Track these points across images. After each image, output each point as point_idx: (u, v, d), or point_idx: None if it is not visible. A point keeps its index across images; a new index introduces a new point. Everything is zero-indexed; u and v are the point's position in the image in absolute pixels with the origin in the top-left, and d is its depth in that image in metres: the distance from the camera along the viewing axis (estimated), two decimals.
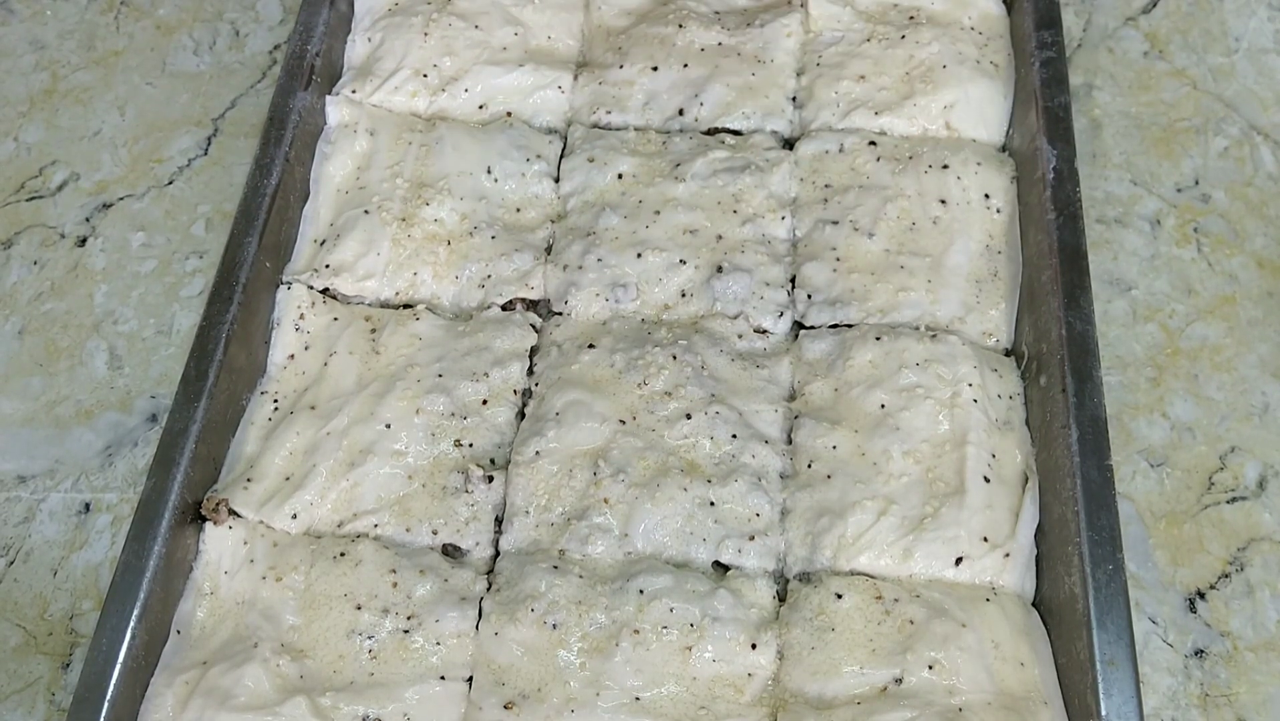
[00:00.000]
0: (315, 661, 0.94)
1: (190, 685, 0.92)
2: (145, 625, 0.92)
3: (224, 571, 0.98)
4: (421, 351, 1.08)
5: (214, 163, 1.34)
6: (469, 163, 1.17)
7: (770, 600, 0.96)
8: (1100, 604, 0.88)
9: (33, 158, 1.35)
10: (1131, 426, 1.12)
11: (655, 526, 0.98)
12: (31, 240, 1.29)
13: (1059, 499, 0.95)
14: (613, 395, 1.04)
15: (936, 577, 0.96)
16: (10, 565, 1.10)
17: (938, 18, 1.24)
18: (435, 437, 1.03)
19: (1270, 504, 1.08)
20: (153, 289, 1.25)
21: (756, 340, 1.09)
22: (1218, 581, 1.05)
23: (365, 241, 1.13)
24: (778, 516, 1.00)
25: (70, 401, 1.18)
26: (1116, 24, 1.38)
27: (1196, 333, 1.17)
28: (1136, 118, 1.31)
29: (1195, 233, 1.23)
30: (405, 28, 1.25)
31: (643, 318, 1.11)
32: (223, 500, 1.00)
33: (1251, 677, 1.01)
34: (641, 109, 1.22)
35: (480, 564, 1.00)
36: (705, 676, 0.92)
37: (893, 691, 0.89)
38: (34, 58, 1.43)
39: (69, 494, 1.14)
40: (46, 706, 1.03)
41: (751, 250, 1.12)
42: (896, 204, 1.12)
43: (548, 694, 0.91)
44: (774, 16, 1.25)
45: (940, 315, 1.08)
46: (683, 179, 1.15)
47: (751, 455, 1.01)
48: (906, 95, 1.19)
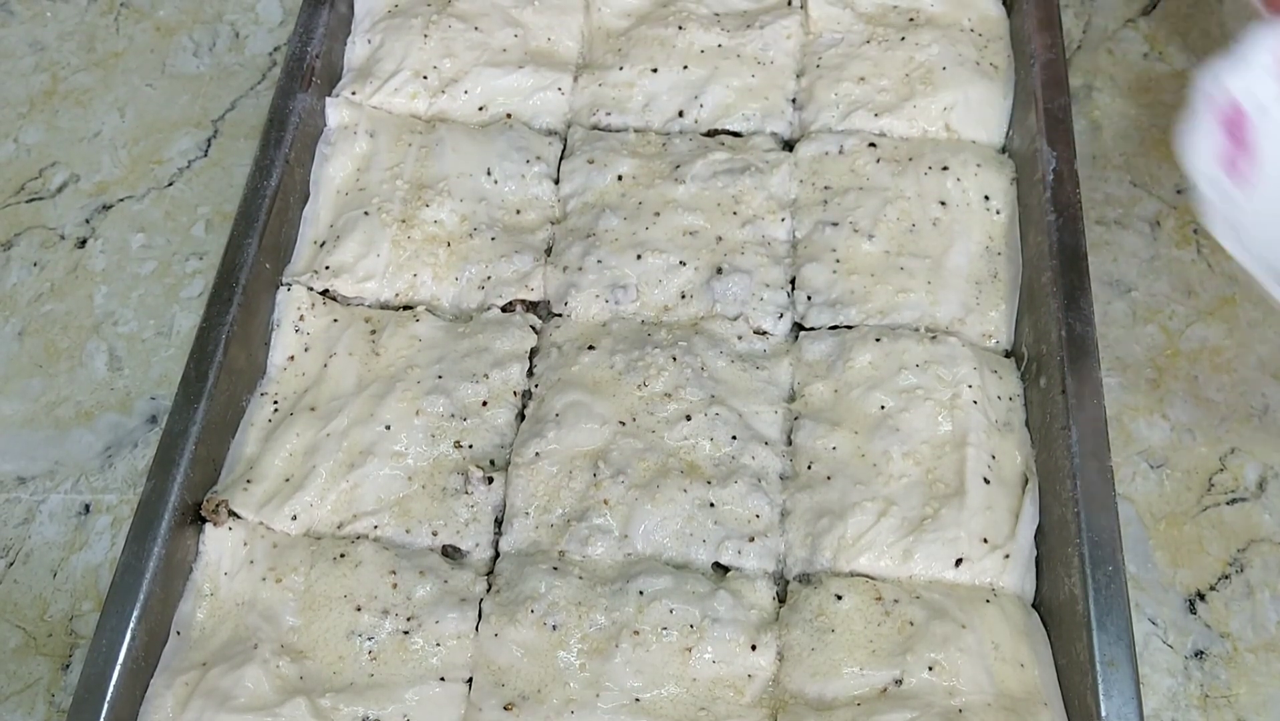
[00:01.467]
0: (315, 662, 0.94)
1: (190, 686, 0.92)
2: (145, 626, 0.92)
3: (224, 572, 0.98)
4: (421, 353, 1.08)
5: (214, 164, 1.34)
6: (469, 164, 1.17)
7: (770, 601, 0.96)
8: (1100, 605, 0.88)
9: (33, 159, 1.35)
10: (1131, 427, 1.12)
11: (655, 527, 0.98)
12: (31, 241, 1.29)
13: (1059, 500, 0.95)
14: (612, 396, 1.04)
15: (936, 579, 0.96)
16: (10, 566, 1.10)
17: (937, 19, 1.25)
18: (435, 439, 1.03)
19: (1270, 505, 1.08)
20: (153, 290, 1.25)
21: (756, 341, 1.09)
22: (1217, 582, 1.05)
23: (365, 243, 1.13)
24: (778, 517, 1.00)
25: (70, 402, 1.18)
26: (1116, 26, 1.38)
27: (1196, 334, 1.18)
28: (1136, 119, 1.31)
29: (1195, 234, 1.23)
30: (405, 29, 1.25)
31: (642, 319, 1.11)
32: (223, 501, 1.00)
33: (1251, 678, 1.01)
34: (641, 110, 1.22)
35: (480, 565, 1.00)
36: (705, 677, 0.92)
37: (893, 692, 0.89)
38: (34, 59, 1.43)
39: (69, 495, 1.14)
40: (46, 707, 1.03)
41: (751, 251, 1.12)
42: (896, 205, 1.13)
43: (548, 695, 0.91)
44: (774, 18, 1.26)
45: (940, 316, 1.08)
46: (682, 180, 1.15)
47: (751, 456, 1.01)
48: (906, 97, 1.19)
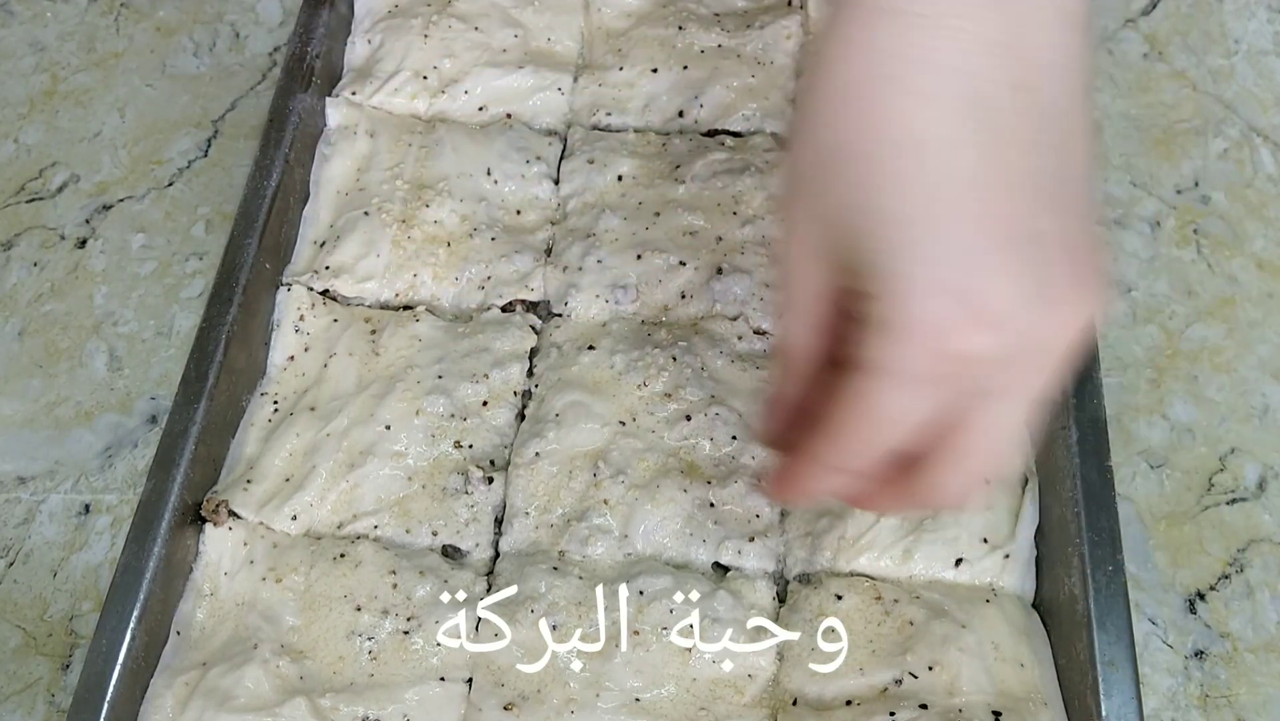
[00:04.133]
0: (315, 662, 0.94)
1: (190, 686, 0.92)
2: (145, 626, 0.92)
3: (224, 572, 0.98)
4: (421, 353, 1.08)
5: (214, 164, 1.34)
6: (469, 164, 1.17)
7: (770, 601, 0.96)
8: (1100, 605, 0.88)
9: (33, 159, 1.35)
10: (1131, 428, 1.12)
11: (655, 527, 0.98)
12: (31, 242, 1.29)
13: (1059, 500, 0.95)
14: (612, 396, 1.04)
15: (936, 579, 0.96)
16: (10, 566, 1.10)
17: None
18: (435, 439, 1.03)
19: (1270, 505, 1.08)
20: (153, 290, 1.25)
21: (756, 341, 1.09)
22: (1218, 582, 1.05)
23: (365, 243, 1.13)
24: (777, 517, 1.00)
25: (70, 403, 1.18)
26: (1116, 26, 1.38)
27: (1196, 334, 1.18)
28: (1136, 119, 1.31)
29: (1195, 234, 1.23)
30: (405, 29, 1.25)
31: (642, 319, 1.11)
32: (223, 501, 1.00)
33: (1251, 678, 1.01)
34: (641, 111, 1.22)
35: (480, 565, 1.00)
36: (705, 677, 0.92)
37: (892, 692, 0.89)
38: (34, 59, 1.43)
39: (69, 495, 1.14)
40: (46, 707, 1.03)
41: (751, 251, 1.12)
42: None
43: (548, 695, 0.91)
44: (774, 18, 1.26)
45: None
46: (682, 180, 1.15)
47: (751, 456, 1.01)
48: None
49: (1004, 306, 0.58)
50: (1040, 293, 0.59)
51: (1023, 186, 0.59)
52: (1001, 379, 0.61)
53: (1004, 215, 0.59)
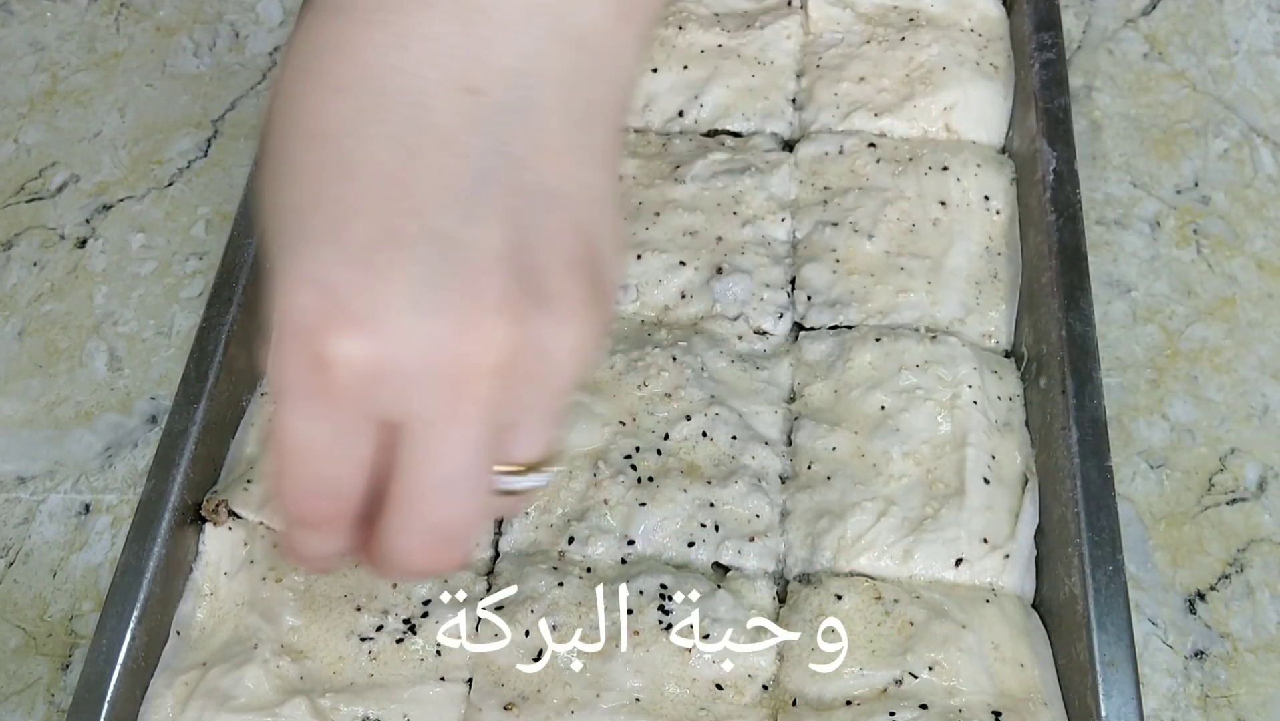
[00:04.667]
0: (315, 662, 0.93)
1: (190, 686, 0.92)
2: (145, 626, 0.92)
3: (224, 572, 0.98)
4: None
5: (214, 164, 1.34)
6: None
7: (770, 601, 0.96)
8: (1100, 605, 0.88)
9: (33, 159, 1.35)
10: (1131, 428, 1.12)
11: (655, 527, 0.98)
12: (31, 241, 1.29)
13: (1059, 500, 0.95)
14: (612, 397, 1.04)
15: (936, 579, 0.96)
16: (10, 566, 1.10)
17: (937, 20, 1.25)
18: None
19: (1270, 505, 1.08)
20: (153, 290, 1.25)
21: (756, 342, 1.09)
22: (1217, 582, 1.05)
23: None
24: (778, 517, 1.00)
25: (70, 402, 1.18)
26: (1116, 26, 1.38)
27: (1196, 334, 1.18)
28: (1136, 119, 1.31)
29: (1195, 234, 1.23)
30: None
31: (642, 319, 1.11)
32: (223, 501, 1.00)
33: (1251, 679, 1.01)
34: (641, 111, 1.22)
35: (480, 565, 1.00)
36: (705, 677, 0.92)
37: (892, 692, 0.89)
38: (34, 59, 1.43)
39: (69, 495, 1.14)
40: (46, 707, 1.03)
41: (751, 252, 1.12)
42: (896, 206, 1.13)
43: (548, 695, 0.91)
44: (774, 18, 1.26)
45: (940, 316, 1.08)
46: (682, 180, 1.15)
47: (751, 456, 1.01)
48: (906, 97, 1.19)
49: (377, 307, 0.52)
50: (442, 301, 0.52)
51: (447, 189, 0.53)
52: (419, 404, 0.54)
53: (407, 214, 0.53)
